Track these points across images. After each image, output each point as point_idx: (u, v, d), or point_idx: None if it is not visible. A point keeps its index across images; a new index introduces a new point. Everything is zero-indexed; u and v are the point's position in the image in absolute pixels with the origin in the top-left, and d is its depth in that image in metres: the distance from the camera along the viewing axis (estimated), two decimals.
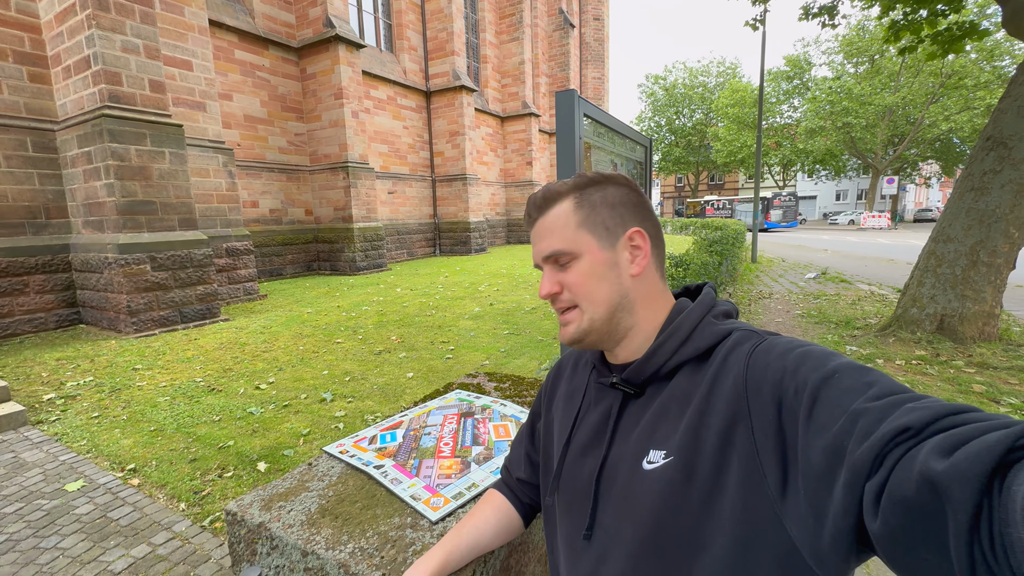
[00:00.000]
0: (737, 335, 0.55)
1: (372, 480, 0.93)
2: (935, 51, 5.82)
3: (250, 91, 10.34)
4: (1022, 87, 4.11)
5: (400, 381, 4.02)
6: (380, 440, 1.08)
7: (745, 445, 0.47)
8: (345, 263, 11.24)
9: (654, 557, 0.51)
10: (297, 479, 0.95)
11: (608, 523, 0.56)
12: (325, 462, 1.01)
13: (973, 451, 0.29)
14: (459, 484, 0.89)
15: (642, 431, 0.56)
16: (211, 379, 4.13)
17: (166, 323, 5.93)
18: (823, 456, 0.40)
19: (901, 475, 0.33)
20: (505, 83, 20.24)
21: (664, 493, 0.50)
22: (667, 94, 40.99)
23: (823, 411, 0.41)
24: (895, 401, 0.38)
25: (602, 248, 0.61)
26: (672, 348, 0.57)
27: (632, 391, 0.59)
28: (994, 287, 4.34)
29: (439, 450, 1.02)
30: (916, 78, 25.47)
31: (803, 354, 0.47)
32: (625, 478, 0.55)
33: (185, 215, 6.27)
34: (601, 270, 0.61)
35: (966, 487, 0.28)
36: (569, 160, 1.57)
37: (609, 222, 0.61)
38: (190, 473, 2.63)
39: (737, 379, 0.50)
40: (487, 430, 1.11)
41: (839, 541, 0.38)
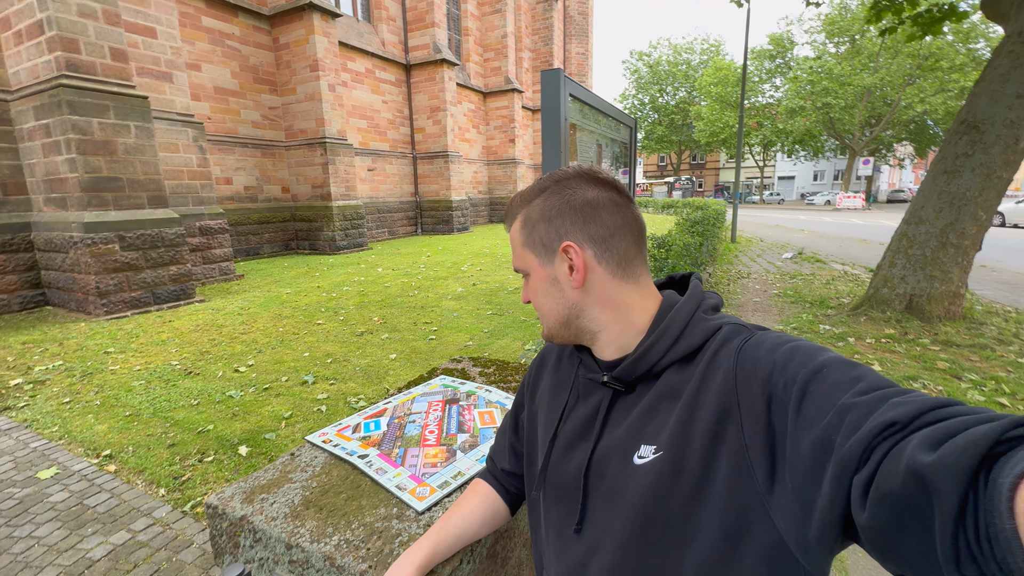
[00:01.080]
0: (726, 330, 0.55)
1: (357, 470, 0.92)
2: (915, 32, 5.86)
3: (220, 61, 9.86)
4: (996, 72, 4.18)
5: (383, 363, 4.00)
6: (364, 429, 1.07)
7: (734, 439, 0.48)
8: (324, 242, 11.02)
9: (644, 548, 0.52)
10: (279, 470, 0.93)
11: (598, 516, 0.57)
12: (308, 452, 1.00)
13: (960, 444, 0.30)
14: (445, 473, 0.89)
15: (632, 426, 0.56)
16: (188, 362, 4.04)
17: (138, 305, 5.76)
18: (811, 450, 0.40)
19: (888, 468, 0.33)
20: (487, 57, 19.74)
21: (654, 487, 0.51)
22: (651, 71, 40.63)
23: (811, 406, 0.42)
24: (882, 396, 0.38)
25: (542, 265, 0.63)
26: (664, 347, 0.57)
27: (622, 388, 0.59)
28: (961, 268, 4.49)
29: (424, 438, 1.01)
30: (895, 59, 25.74)
31: (792, 349, 0.48)
32: (614, 472, 0.56)
33: (154, 192, 6.02)
34: (544, 287, 0.63)
35: (952, 480, 0.29)
36: (555, 141, 1.54)
37: (545, 238, 0.61)
38: (169, 458, 2.59)
39: (727, 374, 0.50)
40: (472, 417, 1.11)
41: (826, 533, 0.39)
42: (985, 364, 3.69)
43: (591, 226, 0.60)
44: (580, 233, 0.60)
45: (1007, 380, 3.39)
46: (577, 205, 0.60)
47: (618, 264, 0.60)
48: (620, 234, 0.60)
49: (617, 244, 0.60)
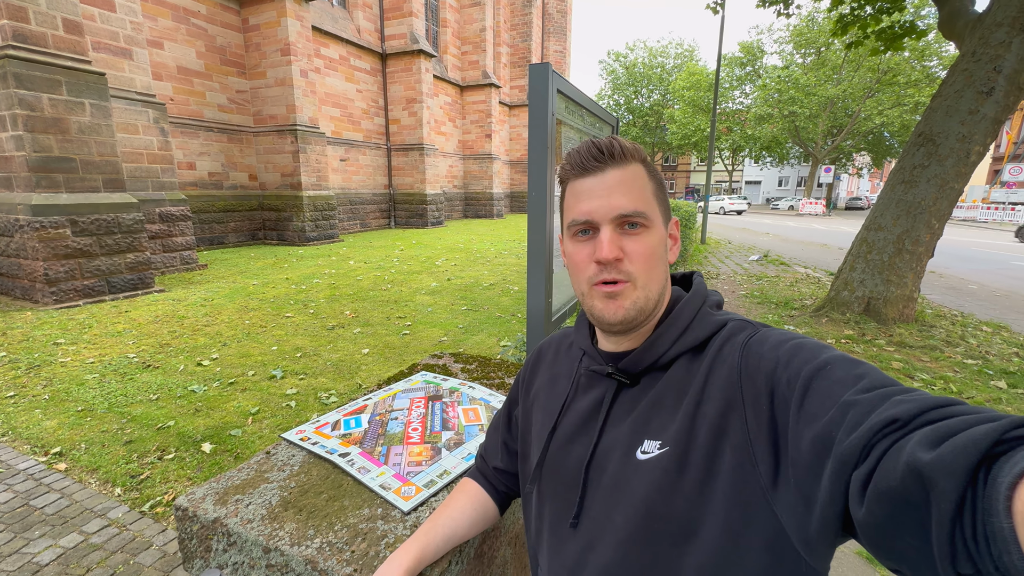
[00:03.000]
0: (732, 325, 0.55)
1: (338, 469, 0.88)
2: (878, 47, 6.13)
3: (184, 40, 9.40)
4: (951, 88, 4.42)
5: (355, 357, 3.91)
6: (344, 426, 1.03)
7: (738, 434, 0.48)
8: (294, 233, 10.69)
9: (644, 544, 0.51)
10: (255, 469, 0.89)
11: (597, 512, 0.56)
12: (284, 450, 0.96)
13: (960, 443, 0.30)
14: (430, 471, 0.87)
15: (636, 421, 0.55)
16: (146, 355, 3.84)
17: (91, 293, 5.44)
18: (812, 445, 0.41)
19: (888, 465, 0.33)
20: (465, 50, 19.54)
21: (659, 482, 0.50)
22: (627, 72, 41.12)
23: (814, 402, 0.42)
24: (884, 393, 0.39)
25: (663, 225, 0.60)
26: (672, 338, 0.56)
27: (627, 380, 0.58)
28: (915, 273, 4.74)
29: (407, 436, 0.98)
30: (856, 73, 26.89)
31: (796, 346, 0.48)
32: (616, 467, 0.55)
33: (111, 175, 5.70)
34: (661, 249, 0.58)
35: (951, 477, 0.29)
36: (541, 136, 1.52)
37: (665, 203, 0.61)
38: (125, 456, 2.46)
39: (732, 369, 0.50)
40: (456, 414, 1.08)
41: (826, 527, 0.39)
42: (935, 364, 3.91)
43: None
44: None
45: (954, 380, 3.59)
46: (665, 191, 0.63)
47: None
48: None
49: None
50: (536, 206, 1.58)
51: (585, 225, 0.58)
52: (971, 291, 7.15)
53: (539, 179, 1.56)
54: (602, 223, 0.56)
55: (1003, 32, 4.13)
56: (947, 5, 4.84)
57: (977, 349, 4.27)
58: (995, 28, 4.18)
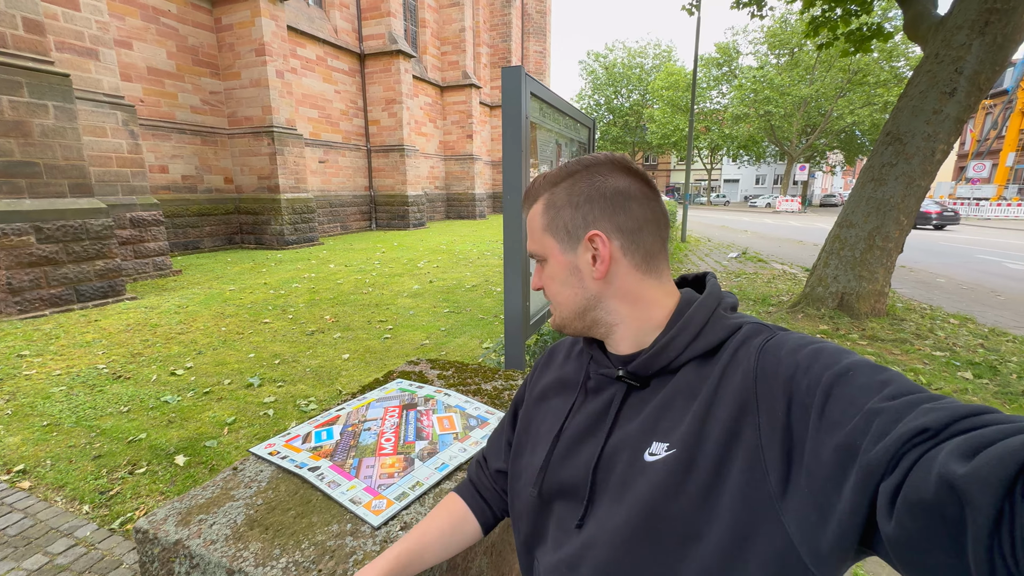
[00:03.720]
0: (747, 329, 0.54)
1: (307, 484, 0.86)
2: (847, 48, 6.29)
3: (154, 40, 9.15)
4: (917, 88, 4.56)
5: (335, 363, 3.86)
6: (315, 438, 1.01)
7: (750, 440, 0.46)
8: (272, 236, 10.50)
9: (646, 544, 0.50)
10: (220, 487, 0.86)
11: (601, 512, 0.55)
12: (252, 465, 0.93)
13: (996, 455, 0.29)
14: (402, 483, 0.85)
15: (644, 423, 0.55)
16: (117, 365, 3.73)
17: (58, 303, 5.25)
18: (834, 454, 0.39)
19: (919, 477, 0.32)
20: (445, 50, 19.46)
21: (665, 484, 0.50)
22: (607, 73, 41.48)
23: (836, 409, 0.40)
24: (912, 401, 0.37)
25: (563, 252, 0.60)
26: (684, 343, 0.55)
27: (637, 383, 0.58)
28: (885, 268, 4.88)
29: (380, 447, 0.97)
30: (828, 73, 27.61)
31: (816, 351, 0.46)
32: (623, 468, 0.54)
33: (77, 180, 5.51)
34: (563, 275, 0.61)
35: (988, 491, 0.28)
36: (515, 139, 1.52)
37: (571, 224, 0.59)
38: (94, 471, 2.38)
39: (746, 373, 0.49)
40: (431, 423, 1.07)
41: (843, 540, 0.38)
42: (905, 357, 4.03)
43: (620, 216, 0.58)
44: (608, 223, 0.58)
45: (924, 371, 3.71)
46: (608, 193, 0.58)
47: (643, 258, 0.59)
48: (648, 228, 0.59)
49: (644, 238, 0.58)
50: (511, 208, 1.58)
51: None
52: (939, 285, 7.39)
53: (514, 181, 1.56)
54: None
55: (963, 35, 4.27)
56: (912, 8, 4.99)
57: (945, 341, 4.41)
58: (956, 31, 4.32)
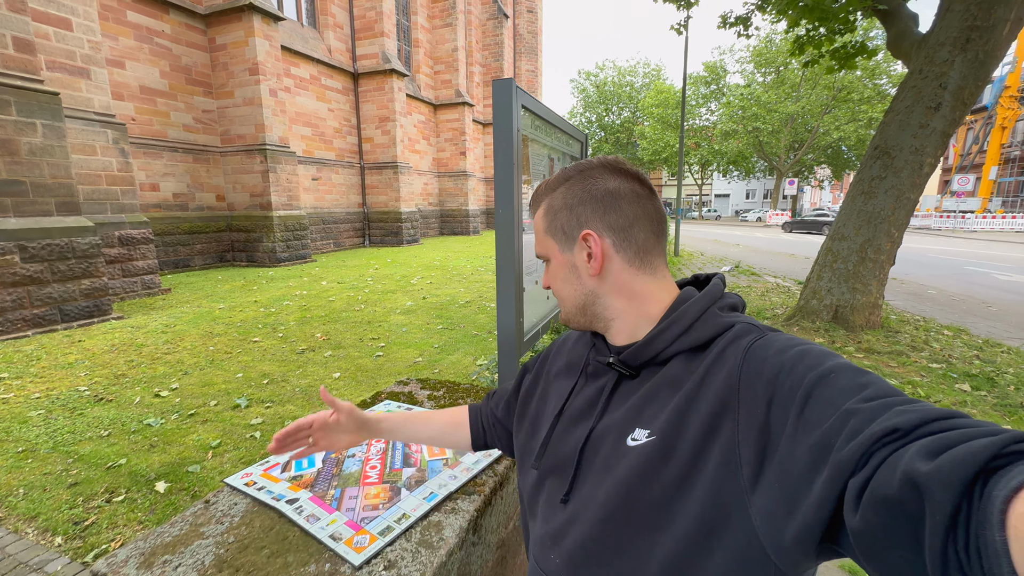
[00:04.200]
0: (738, 328, 0.56)
1: (284, 518, 0.80)
2: (832, 66, 6.42)
3: (147, 59, 9.17)
4: (902, 104, 4.63)
5: (326, 382, 3.77)
6: (295, 467, 0.95)
7: (728, 435, 0.48)
8: (264, 254, 10.41)
9: (622, 525, 0.53)
10: (189, 523, 0.80)
11: (585, 490, 0.59)
12: (226, 498, 0.86)
13: (958, 455, 0.30)
14: (387, 516, 0.79)
15: (630, 410, 0.58)
16: (99, 387, 3.61)
17: (42, 323, 5.13)
18: (809, 452, 0.40)
19: (885, 474, 0.33)
20: (438, 69, 19.71)
21: (641, 468, 0.52)
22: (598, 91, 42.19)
23: (815, 409, 0.42)
24: (887, 403, 0.38)
25: (562, 252, 0.65)
26: (672, 336, 0.58)
27: (627, 372, 0.61)
28: (878, 280, 4.89)
29: (365, 475, 0.91)
30: (813, 90, 28.24)
31: (801, 352, 0.48)
32: (608, 451, 0.58)
33: (64, 198, 5.44)
34: (563, 273, 0.66)
35: (947, 489, 0.29)
36: (507, 153, 1.49)
37: (566, 226, 0.64)
38: (69, 500, 2.27)
39: (731, 371, 0.51)
40: (419, 448, 1.01)
41: (806, 534, 0.40)
42: (902, 370, 4.00)
43: (611, 215, 0.62)
44: (600, 222, 0.62)
45: (922, 384, 3.68)
46: (598, 194, 0.62)
47: (636, 254, 0.62)
48: (639, 224, 0.62)
49: (636, 234, 0.62)
50: (504, 223, 1.54)
51: None
52: (931, 296, 7.43)
53: (506, 196, 1.52)
54: None
55: (946, 51, 4.36)
56: (894, 26, 5.11)
57: (940, 353, 4.40)
58: (938, 47, 4.41)
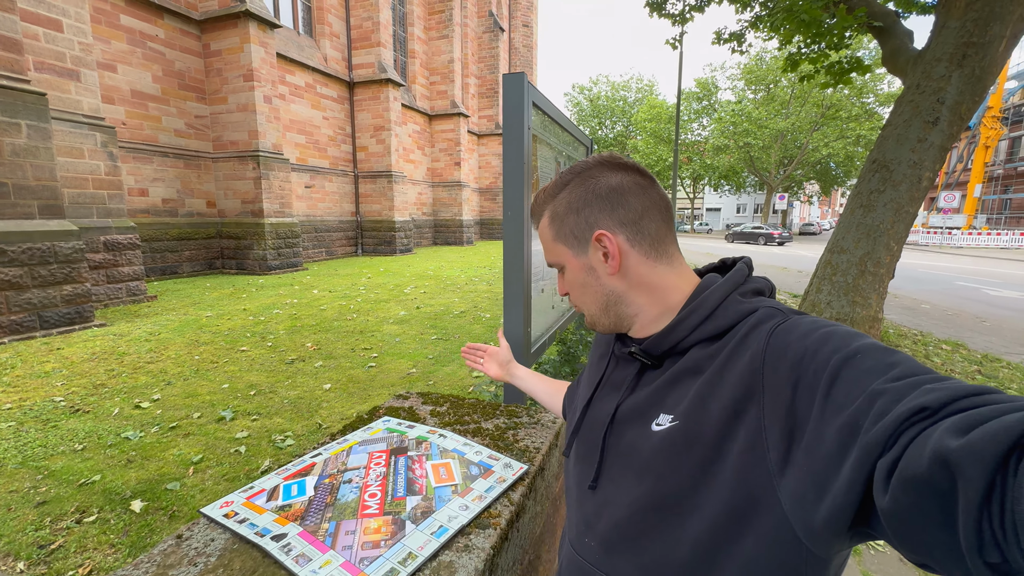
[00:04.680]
0: (761, 312, 0.54)
1: (269, 559, 0.68)
2: (828, 81, 6.47)
3: (139, 63, 9.06)
4: (899, 118, 4.64)
5: (316, 394, 3.62)
6: (283, 494, 0.83)
7: (753, 419, 0.47)
8: (254, 261, 10.23)
9: (651, 509, 0.53)
10: (157, 564, 0.68)
11: (613, 474, 0.59)
12: (202, 532, 0.75)
13: (990, 431, 0.29)
14: (391, 556, 0.68)
15: (653, 396, 0.58)
16: (76, 397, 3.44)
17: (19, 329, 4.93)
18: (837, 434, 0.40)
19: (914, 452, 0.33)
20: (434, 80, 19.79)
21: (667, 453, 0.52)
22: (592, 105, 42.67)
23: (841, 391, 0.41)
24: (915, 382, 0.37)
25: (576, 256, 0.64)
26: (693, 324, 0.56)
27: (649, 361, 0.60)
28: (878, 294, 4.86)
29: (363, 505, 0.79)
30: (803, 107, 28.78)
31: (826, 334, 0.46)
32: (632, 437, 0.58)
33: (47, 201, 5.27)
34: (581, 277, 0.64)
35: (980, 465, 0.28)
36: (517, 152, 1.40)
37: (576, 229, 0.63)
38: (36, 520, 2.10)
39: (755, 355, 0.50)
40: (424, 472, 0.90)
41: (837, 515, 0.39)
42: None
43: (619, 211, 0.60)
44: (610, 219, 0.61)
45: None
46: (603, 192, 0.61)
47: (651, 245, 0.61)
48: (649, 215, 0.61)
49: (647, 225, 0.61)
50: (512, 228, 1.44)
51: None
52: (925, 311, 7.45)
53: (516, 199, 1.43)
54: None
55: (943, 67, 4.39)
56: (889, 43, 5.16)
57: (942, 368, 4.36)
58: (935, 63, 4.44)
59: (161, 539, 1.89)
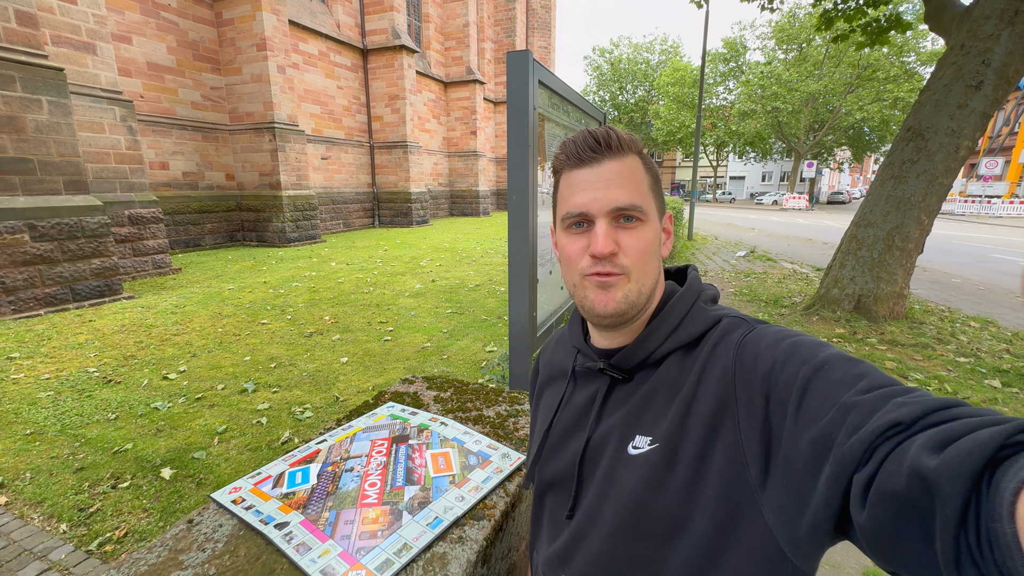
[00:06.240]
0: (726, 322, 0.54)
1: (271, 547, 0.72)
2: (864, 41, 6.08)
3: (154, 34, 9.02)
4: (940, 82, 4.36)
5: (333, 367, 3.73)
6: (288, 480, 0.86)
7: (730, 434, 0.47)
8: (273, 234, 10.39)
9: (632, 537, 0.52)
10: (169, 548, 0.72)
11: (589, 504, 0.56)
12: (211, 518, 0.79)
13: (965, 448, 0.29)
14: (386, 546, 0.71)
15: (628, 416, 0.56)
16: (108, 368, 3.61)
17: (54, 302, 5.15)
18: (810, 447, 0.40)
19: (891, 469, 0.33)
20: (448, 46, 19.26)
21: (648, 478, 0.51)
22: (612, 68, 41.11)
23: (812, 403, 0.41)
24: (885, 394, 0.38)
25: (658, 219, 0.59)
26: (664, 334, 0.56)
27: (620, 376, 0.58)
28: (904, 270, 4.69)
29: (363, 494, 0.82)
30: (837, 68, 27.16)
31: (793, 345, 0.47)
32: (609, 461, 0.55)
33: (72, 176, 5.40)
34: (656, 243, 0.58)
35: (956, 483, 0.29)
36: (521, 132, 1.36)
37: (660, 197, 0.60)
38: (75, 485, 2.25)
39: (726, 368, 0.50)
40: (423, 461, 0.92)
41: (818, 529, 0.39)
42: (928, 363, 3.85)
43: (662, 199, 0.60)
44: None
45: (948, 379, 3.53)
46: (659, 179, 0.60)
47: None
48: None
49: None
50: (517, 209, 1.42)
51: (580, 218, 0.56)
52: (955, 285, 7.18)
53: (520, 180, 1.40)
54: (597, 216, 0.55)
55: (991, 25, 4.07)
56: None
57: (968, 346, 4.23)
58: (983, 21, 4.12)
59: (182, 516, 2.01)
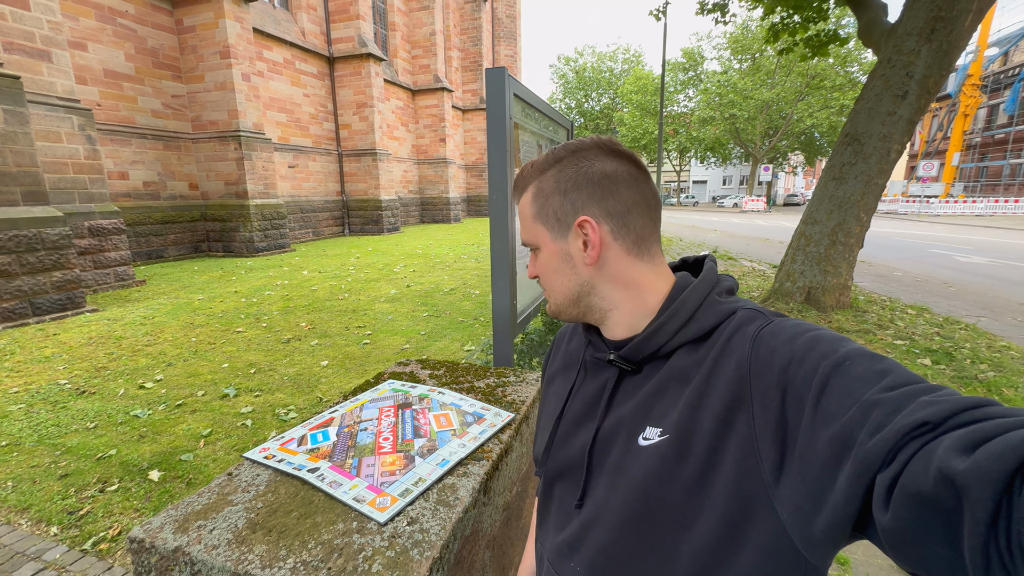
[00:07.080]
0: (742, 315, 0.53)
1: (307, 485, 0.85)
2: (806, 53, 6.58)
3: (111, 41, 8.79)
4: (872, 92, 4.80)
5: (314, 370, 3.78)
6: (311, 440, 1.00)
7: (744, 428, 0.46)
8: (241, 243, 10.20)
9: (642, 529, 0.51)
10: (216, 493, 0.84)
11: (599, 493, 0.56)
12: (248, 470, 0.91)
13: (996, 450, 0.29)
14: (405, 480, 0.85)
15: (638, 407, 0.55)
16: (80, 380, 3.55)
17: (12, 317, 4.97)
18: (830, 445, 0.39)
19: (917, 469, 0.32)
20: (416, 54, 19.35)
21: (657, 469, 0.50)
22: (577, 77, 42.05)
23: (832, 399, 0.40)
24: (910, 392, 0.37)
25: (554, 240, 0.61)
26: (674, 328, 0.55)
27: (629, 368, 0.58)
28: (848, 263, 5.11)
29: (379, 446, 0.96)
30: (788, 77, 28.75)
31: (813, 339, 0.46)
32: (619, 452, 0.55)
33: (30, 187, 5.24)
34: (555, 263, 0.61)
35: (987, 486, 0.28)
36: (500, 140, 1.54)
37: (560, 212, 0.59)
38: (61, 491, 2.26)
39: (740, 362, 0.48)
40: (427, 421, 1.07)
41: (835, 528, 0.39)
42: (869, 346, 4.22)
43: (609, 201, 0.57)
44: (597, 208, 0.58)
45: None
46: (595, 178, 0.58)
47: (635, 241, 0.58)
48: (638, 210, 0.58)
49: (634, 220, 0.58)
50: (497, 208, 1.59)
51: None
52: (896, 278, 7.78)
53: (499, 182, 1.57)
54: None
55: (913, 41, 4.53)
56: (865, 15, 5.26)
57: (904, 330, 4.65)
58: (906, 37, 4.58)
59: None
